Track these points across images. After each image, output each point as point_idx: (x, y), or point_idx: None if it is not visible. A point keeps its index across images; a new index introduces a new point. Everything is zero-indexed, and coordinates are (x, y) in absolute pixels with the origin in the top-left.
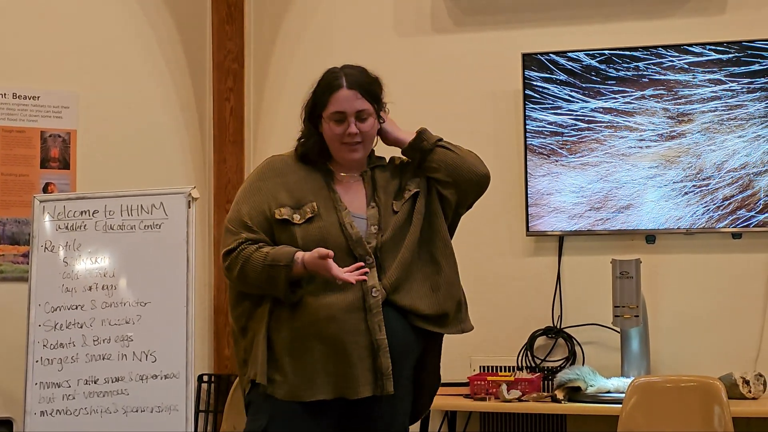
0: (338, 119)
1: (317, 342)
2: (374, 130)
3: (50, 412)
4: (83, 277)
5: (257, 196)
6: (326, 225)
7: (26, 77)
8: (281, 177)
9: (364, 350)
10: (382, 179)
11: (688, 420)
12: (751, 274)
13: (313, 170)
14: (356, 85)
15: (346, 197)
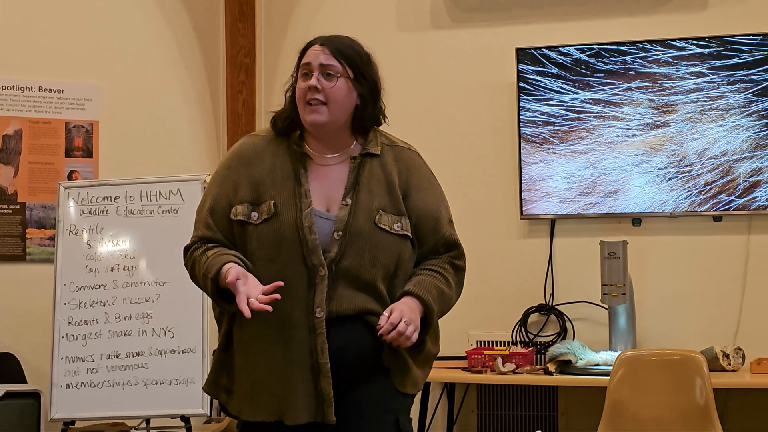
0: (304, 72)
1: (262, 358)
2: (342, 94)
3: (75, 384)
4: (105, 259)
5: (221, 187)
6: (281, 227)
7: (51, 72)
8: (247, 167)
9: (308, 372)
10: (370, 174)
11: (672, 391)
12: (730, 255)
13: (287, 155)
14: (329, 43)
15: (320, 188)
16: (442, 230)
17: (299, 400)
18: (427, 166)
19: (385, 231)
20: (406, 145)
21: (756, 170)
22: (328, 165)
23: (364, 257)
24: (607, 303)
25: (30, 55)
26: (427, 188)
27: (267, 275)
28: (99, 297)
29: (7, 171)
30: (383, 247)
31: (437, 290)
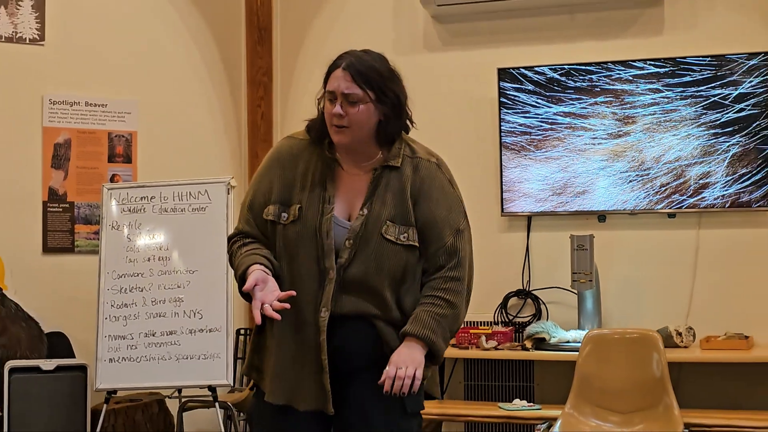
0: (330, 98)
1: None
2: (364, 117)
3: (117, 359)
4: (143, 251)
5: (260, 186)
6: (302, 230)
7: (96, 88)
8: (282, 169)
9: (314, 366)
10: (387, 186)
11: (632, 365)
12: (683, 247)
13: (319, 161)
14: (351, 68)
15: (345, 195)
16: (443, 239)
17: (306, 390)
18: (443, 177)
19: (391, 242)
20: (427, 156)
21: (705, 174)
22: (354, 174)
23: (370, 265)
24: (576, 288)
25: (78, 74)
26: (438, 198)
27: (288, 273)
28: (137, 283)
29: (58, 175)
30: (389, 256)
31: (436, 319)
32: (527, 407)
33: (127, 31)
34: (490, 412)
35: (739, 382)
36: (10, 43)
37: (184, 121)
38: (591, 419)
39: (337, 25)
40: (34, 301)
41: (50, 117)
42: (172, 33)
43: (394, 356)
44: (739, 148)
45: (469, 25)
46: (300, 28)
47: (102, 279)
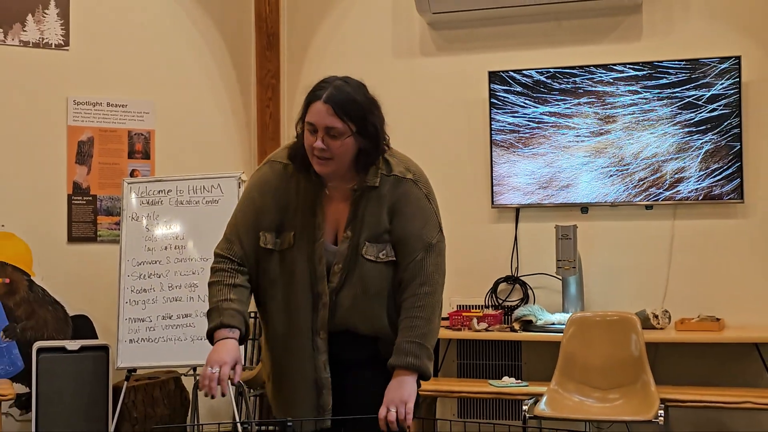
0: (311, 130)
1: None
2: (345, 149)
3: (136, 340)
4: (160, 240)
5: (249, 209)
6: (297, 258)
7: (117, 90)
8: (273, 194)
9: (312, 385)
10: (366, 206)
11: (612, 345)
12: (659, 236)
13: (308, 186)
14: (332, 101)
15: (331, 218)
16: (412, 254)
17: (303, 412)
18: (420, 192)
19: (372, 261)
20: (404, 173)
21: (679, 169)
22: (337, 196)
23: (356, 287)
24: (561, 275)
25: (100, 77)
26: (413, 214)
27: (283, 298)
28: (155, 270)
29: (81, 170)
30: (372, 276)
31: (417, 343)
32: (515, 384)
33: (145, 37)
34: (480, 388)
35: (711, 360)
36: (37, 49)
37: (198, 120)
38: (574, 395)
39: (339, 31)
40: (59, 286)
41: (74, 116)
42: (186, 39)
43: (387, 394)
44: (712, 145)
45: (462, 31)
46: (306, 34)
47: (122, 266)
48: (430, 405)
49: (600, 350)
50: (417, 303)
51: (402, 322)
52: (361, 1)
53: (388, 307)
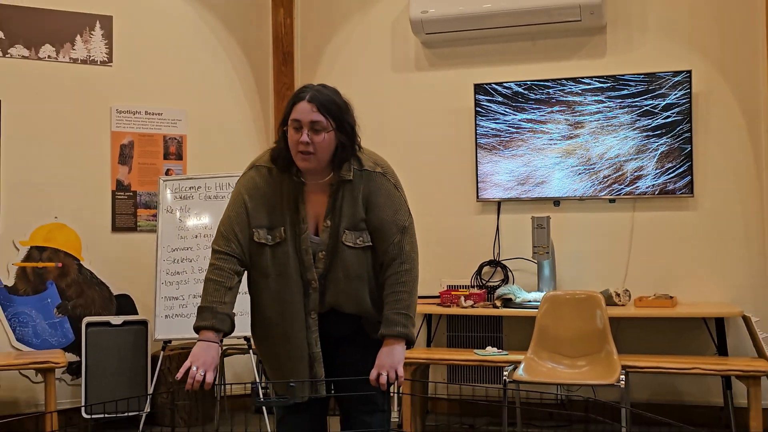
0: (296, 127)
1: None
2: (326, 144)
3: (171, 315)
4: (191, 229)
5: (241, 208)
6: (287, 251)
7: (154, 101)
8: (264, 196)
9: (306, 360)
10: (342, 198)
11: (580, 320)
12: (620, 226)
13: (290, 185)
14: (316, 101)
15: (311, 211)
16: (390, 238)
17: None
18: (389, 183)
19: (350, 247)
20: (373, 167)
21: (638, 168)
22: (316, 191)
23: (339, 270)
24: (536, 259)
25: (139, 89)
26: (384, 203)
27: (276, 287)
28: (187, 255)
29: (123, 169)
30: (352, 261)
31: (402, 314)
32: (497, 353)
33: (177, 54)
34: (467, 357)
35: (665, 333)
36: (84, 65)
37: (223, 126)
38: (547, 362)
39: (345, 49)
40: (104, 269)
41: (117, 123)
42: (213, 56)
43: (379, 359)
44: (666, 147)
45: (451, 49)
46: (316, 52)
47: (159, 252)
48: (424, 371)
49: (570, 324)
50: (400, 279)
51: (387, 297)
52: (364, 23)
53: (369, 287)
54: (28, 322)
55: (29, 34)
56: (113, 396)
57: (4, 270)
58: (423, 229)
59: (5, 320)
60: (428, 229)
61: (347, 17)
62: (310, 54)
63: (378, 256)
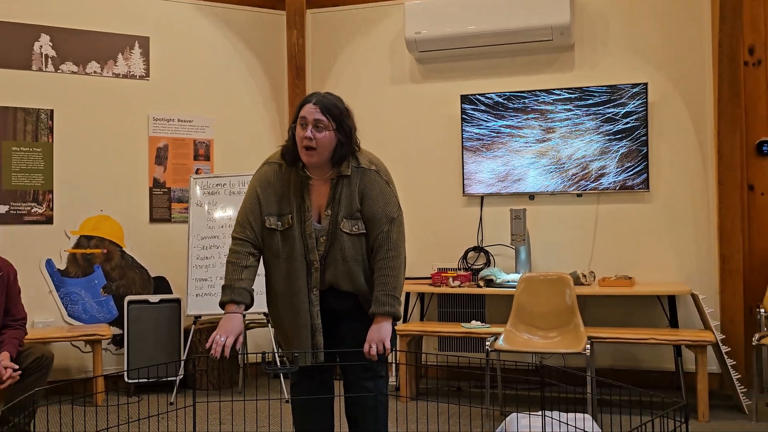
0: (302, 124)
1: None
2: (327, 141)
3: (201, 294)
4: (218, 220)
5: (254, 200)
6: (294, 235)
7: (185, 109)
8: (272, 187)
9: (309, 330)
10: (341, 191)
11: (552, 297)
12: (586, 217)
13: (297, 179)
14: (320, 103)
15: (315, 202)
16: (380, 227)
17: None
18: (381, 180)
19: (347, 233)
20: (368, 165)
21: (602, 167)
22: (319, 185)
23: (337, 253)
24: (514, 245)
25: (172, 100)
26: (376, 197)
27: (285, 266)
28: (214, 243)
29: (159, 169)
30: (348, 245)
31: (390, 294)
32: (480, 326)
33: (206, 69)
34: (455, 329)
35: (624, 308)
36: (125, 79)
37: (245, 131)
38: (524, 334)
39: (350, 65)
40: (143, 255)
41: (153, 129)
42: (237, 71)
43: (369, 334)
44: (626, 149)
45: (440, 65)
46: (325, 68)
47: (190, 240)
48: (418, 341)
49: (543, 301)
50: (387, 264)
51: (377, 279)
52: (366, 43)
53: (363, 268)
54: (78, 301)
55: (78, 53)
56: (151, 363)
57: (57, 256)
58: (417, 219)
59: (59, 299)
60: (421, 219)
61: (351, 38)
62: (319, 69)
63: (369, 243)
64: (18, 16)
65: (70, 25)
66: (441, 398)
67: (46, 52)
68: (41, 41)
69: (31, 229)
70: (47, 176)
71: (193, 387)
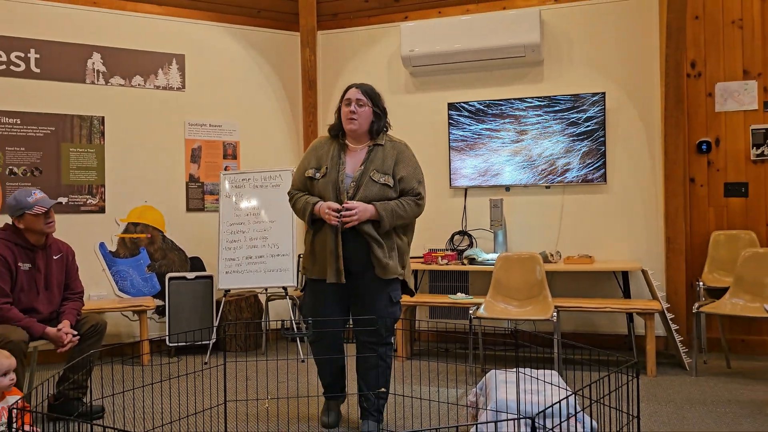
0: (346, 103)
1: (320, 249)
2: (365, 114)
3: (230, 271)
4: (244, 209)
5: (303, 163)
6: (328, 181)
7: (215, 116)
8: (316, 151)
9: (335, 257)
10: (375, 156)
11: (524, 273)
12: (553, 205)
13: (336, 146)
14: (360, 88)
15: (350, 161)
16: (410, 184)
17: (332, 271)
18: (409, 151)
19: (375, 181)
20: (399, 140)
21: (567, 163)
22: (356, 150)
23: (362, 198)
24: (493, 229)
25: (204, 108)
26: (407, 162)
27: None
28: (240, 228)
29: (194, 166)
30: (374, 192)
31: (391, 208)
32: (465, 297)
33: (233, 82)
34: (443, 300)
35: (585, 282)
36: (165, 90)
37: (266, 134)
38: (501, 304)
39: (354, 78)
40: (181, 239)
41: (189, 133)
42: (259, 83)
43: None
44: (587, 148)
45: (431, 77)
46: (333, 80)
47: (221, 226)
48: (412, 311)
49: (517, 276)
50: (410, 201)
51: (399, 199)
52: (367, 59)
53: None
54: (126, 277)
55: (125, 69)
56: (189, 329)
57: (109, 240)
58: None
59: (110, 276)
60: None
61: (355, 55)
62: (328, 81)
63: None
64: (74, 38)
65: (118, 45)
66: (431, 358)
67: (98, 68)
68: (93, 59)
69: (86, 217)
70: (100, 173)
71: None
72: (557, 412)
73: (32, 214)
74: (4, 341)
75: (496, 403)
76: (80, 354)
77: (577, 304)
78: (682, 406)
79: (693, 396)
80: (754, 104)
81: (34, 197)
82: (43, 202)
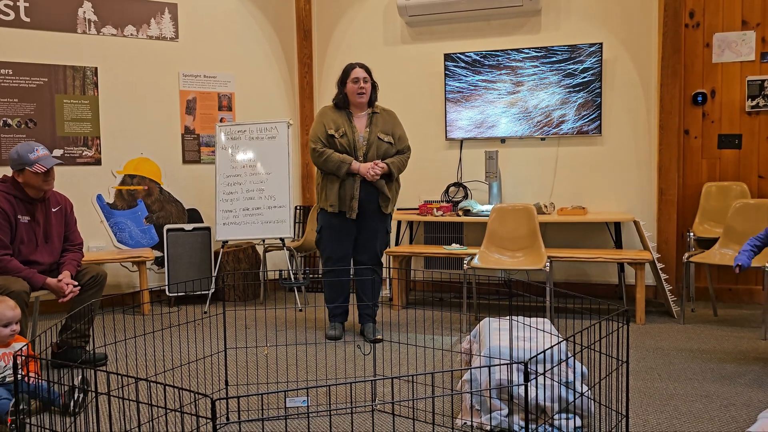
0: (355, 81)
1: (342, 195)
2: (369, 88)
3: (227, 223)
4: (240, 161)
5: (320, 125)
6: (347, 139)
7: (210, 67)
8: (330, 115)
9: (351, 197)
10: (376, 120)
11: (518, 224)
12: (548, 157)
13: (343, 113)
14: (363, 67)
15: (357, 125)
16: (405, 143)
17: (347, 206)
18: (397, 119)
19: (383, 141)
20: (389, 109)
21: (562, 115)
22: (359, 117)
23: (374, 153)
24: (488, 181)
25: (199, 59)
26: (398, 126)
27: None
28: (237, 180)
29: (189, 118)
30: (381, 147)
31: (397, 164)
32: (459, 248)
33: (227, 32)
34: (438, 251)
35: (578, 233)
36: (158, 40)
37: (261, 86)
38: (495, 254)
39: (350, 29)
40: (179, 191)
41: (183, 84)
42: (253, 34)
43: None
44: (582, 100)
45: (427, 27)
46: (328, 31)
47: (217, 178)
48: (408, 260)
49: (511, 227)
50: (403, 158)
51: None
52: (363, 9)
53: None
54: (125, 229)
55: (116, 18)
56: (187, 279)
57: (106, 192)
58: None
59: (109, 227)
60: (411, 160)
61: (351, 4)
62: (324, 32)
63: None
64: None
65: None
66: (427, 307)
67: (89, 17)
68: (84, 7)
69: (83, 169)
70: (95, 124)
71: (223, 299)
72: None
73: (32, 171)
74: (5, 292)
75: (489, 349)
76: (81, 304)
77: (570, 254)
78: (669, 352)
79: (680, 342)
80: (752, 55)
81: (36, 154)
82: (45, 161)
